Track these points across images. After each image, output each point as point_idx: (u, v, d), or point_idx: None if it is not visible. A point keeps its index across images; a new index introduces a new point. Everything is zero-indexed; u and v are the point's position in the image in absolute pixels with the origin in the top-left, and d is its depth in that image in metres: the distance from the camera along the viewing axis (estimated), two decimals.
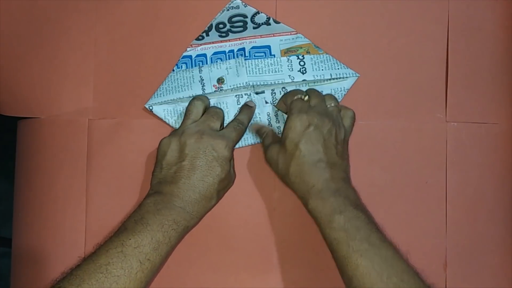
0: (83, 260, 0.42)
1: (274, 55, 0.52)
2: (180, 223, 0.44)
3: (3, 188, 0.93)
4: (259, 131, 0.52)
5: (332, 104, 0.49)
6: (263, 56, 0.52)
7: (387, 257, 0.41)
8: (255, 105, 0.52)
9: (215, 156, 0.46)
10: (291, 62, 0.52)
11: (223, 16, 0.52)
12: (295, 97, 0.49)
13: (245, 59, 0.52)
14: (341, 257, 0.42)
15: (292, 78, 0.52)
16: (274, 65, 0.52)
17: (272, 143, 0.49)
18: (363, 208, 0.44)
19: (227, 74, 0.52)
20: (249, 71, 0.52)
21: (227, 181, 0.48)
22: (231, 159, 0.48)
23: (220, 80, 0.52)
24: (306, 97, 0.49)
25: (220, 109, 0.51)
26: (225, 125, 0.51)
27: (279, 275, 0.51)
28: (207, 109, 0.51)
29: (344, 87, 0.52)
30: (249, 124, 0.51)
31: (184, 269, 0.52)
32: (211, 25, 0.52)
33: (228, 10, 0.52)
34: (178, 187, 0.45)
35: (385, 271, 0.40)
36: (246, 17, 0.52)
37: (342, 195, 0.44)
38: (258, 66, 0.52)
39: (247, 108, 0.52)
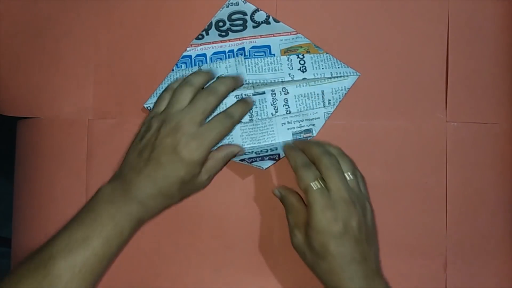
0: (31, 252, 0.40)
1: (274, 54, 0.52)
2: (134, 216, 0.43)
3: (3, 188, 0.93)
4: (284, 200, 0.47)
5: (350, 175, 0.44)
6: (263, 55, 0.53)
7: None
8: (253, 103, 0.51)
9: (182, 157, 0.43)
10: (291, 61, 0.52)
11: (223, 13, 0.52)
12: (310, 188, 0.43)
13: (244, 58, 0.52)
14: None
15: (292, 76, 0.52)
16: (274, 64, 0.52)
17: (296, 226, 0.45)
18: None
19: (227, 73, 0.52)
20: (249, 69, 0.52)
21: (191, 185, 0.45)
22: (202, 163, 0.45)
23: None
24: (321, 185, 0.43)
25: (217, 88, 0.47)
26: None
27: (279, 275, 0.51)
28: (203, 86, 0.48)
29: (344, 86, 0.52)
30: (241, 119, 0.49)
31: (184, 269, 0.52)
32: (211, 23, 0.52)
33: (227, 6, 0.52)
34: (139, 178, 0.43)
35: None
36: (246, 14, 0.52)
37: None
38: (257, 65, 0.52)
39: (244, 102, 0.49)
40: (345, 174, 0.45)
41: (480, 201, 0.52)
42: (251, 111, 0.52)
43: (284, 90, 0.52)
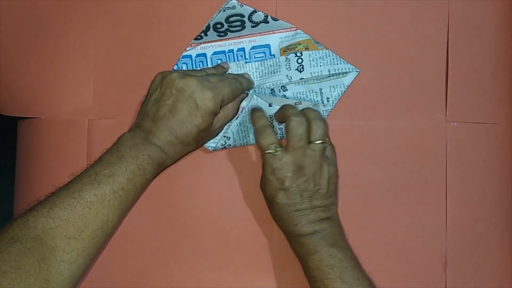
0: (57, 189, 0.43)
1: (273, 55, 0.52)
2: (155, 159, 0.45)
3: (3, 188, 0.93)
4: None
5: (317, 141, 0.47)
6: (263, 57, 0.52)
7: None
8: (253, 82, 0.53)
9: (198, 105, 0.46)
10: (289, 61, 0.52)
11: (220, 17, 0.52)
12: (269, 148, 0.47)
13: (245, 62, 0.52)
14: None
15: (290, 78, 0.52)
16: (274, 66, 0.52)
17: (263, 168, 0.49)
18: (341, 245, 0.46)
19: None
20: (250, 75, 0.52)
21: (206, 133, 0.48)
22: (216, 113, 0.47)
23: None
24: (278, 151, 0.47)
25: (241, 81, 0.50)
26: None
27: (278, 275, 0.51)
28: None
29: (343, 84, 0.52)
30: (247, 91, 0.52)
31: (184, 269, 0.52)
32: (208, 25, 0.52)
33: (224, 10, 0.52)
34: (156, 126, 0.46)
35: None
36: (243, 16, 0.52)
37: (318, 236, 0.45)
38: (258, 69, 0.52)
39: (249, 77, 0.52)
40: (313, 138, 0.47)
41: (480, 201, 0.52)
42: (249, 107, 0.52)
43: (283, 88, 0.52)
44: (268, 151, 0.47)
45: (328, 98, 0.52)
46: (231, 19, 0.52)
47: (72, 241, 0.41)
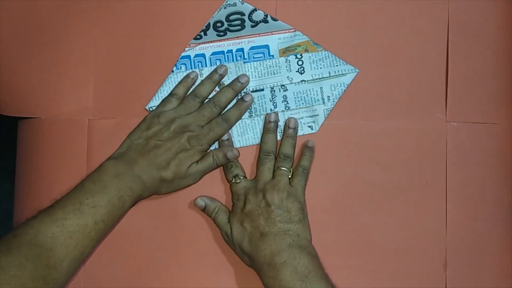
0: (38, 212, 0.43)
1: (272, 56, 0.52)
2: (135, 191, 0.47)
3: (3, 188, 0.93)
4: (207, 208, 0.51)
5: (284, 171, 0.49)
6: (261, 57, 0.53)
7: None
8: (252, 99, 0.52)
9: (179, 165, 0.49)
10: (289, 62, 0.52)
11: (221, 15, 0.52)
12: (231, 178, 0.51)
13: (244, 62, 0.52)
14: None
15: (291, 79, 0.52)
16: (273, 67, 0.52)
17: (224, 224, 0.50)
18: (313, 277, 0.44)
19: (227, 78, 0.52)
20: (249, 74, 0.52)
21: (184, 181, 0.50)
22: (197, 160, 0.50)
23: (220, 84, 0.53)
24: (236, 177, 0.50)
25: (221, 100, 0.51)
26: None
27: None
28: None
29: (344, 82, 0.52)
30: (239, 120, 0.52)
31: (184, 269, 0.52)
32: (209, 24, 0.52)
33: (225, 8, 0.52)
34: (143, 159, 0.48)
35: None
36: (244, 15, 0.52)
37: (289, 268, 0.44)
38: (257, 69, 0.52)
39: (240, 104, 0.52)
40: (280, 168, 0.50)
41: (480, 201, 0.52)
42: (250, 107, 0.52)
43: (283, 87, 0.53)
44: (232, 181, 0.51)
45: (328, 97, 0.52)
46: (232, 17, 0.52)
47: (52, 271, 0.41)
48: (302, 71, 0.52)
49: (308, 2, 0.53)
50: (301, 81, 0.52)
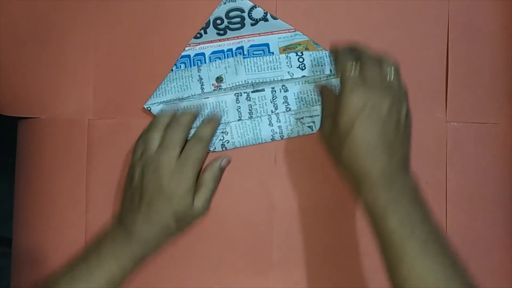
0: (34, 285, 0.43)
1: (272, 53, 0.52)
2: (136, 255, 0.45)
3: (3, 188, 0.93)
4: (322, 92, 0.48)
5: (392, 73, 0.43)
6: (261, 54, 0.53)
7: (444, 258, 0.39)
8: (220, 118, 0.51)
9: (169, 194, 0.45)
10: (290, 59, 0.52)
11: (220, 11, 0.52)
12: (346, 69, 0.42)
13: (243, 58, 0.52)
14: (394, 256, 0.39)
15: (291, 74, 0.52)
16: (273, 62, 0.52)
17: (327, 115, 0.44)
18: (419, 202, 0.41)
19: (226, 72, 0.52)
20: (248, 69, 0.52)
21: (188, 216, 0.46)
22: (191, 191, 0.45)
23: (219, 79, 0.52)
24: (357, 68, 0.42)
25: (203, 136, 0.48)
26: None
27: (279, 275, 0.51)
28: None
29: None
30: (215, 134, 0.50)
31: (184, 269, 0.52)
32: (209, 21, 0.52)
33: (225, 3, 0.52)
34: (137, 221, 0.45)
35: (442, 273, 0.39)
36: (243, 11, 0.52)
37: (396, 188, 0.40)
38: (256, 64, 0.52)
39: (210, 119, 0.49)
40: (386, 71, 0.44)
41: (480, 201, 0.52)
42: (250, 108, 0.52)
43: (283, 87, 0.53)
44: (348, 65, 0.42)
45: None
46: (231, 14, 0.52)
47: None
48: (303, 67, 0.52)
49: (308, 2, 0.53)
50: (302, 76, 0.52)
